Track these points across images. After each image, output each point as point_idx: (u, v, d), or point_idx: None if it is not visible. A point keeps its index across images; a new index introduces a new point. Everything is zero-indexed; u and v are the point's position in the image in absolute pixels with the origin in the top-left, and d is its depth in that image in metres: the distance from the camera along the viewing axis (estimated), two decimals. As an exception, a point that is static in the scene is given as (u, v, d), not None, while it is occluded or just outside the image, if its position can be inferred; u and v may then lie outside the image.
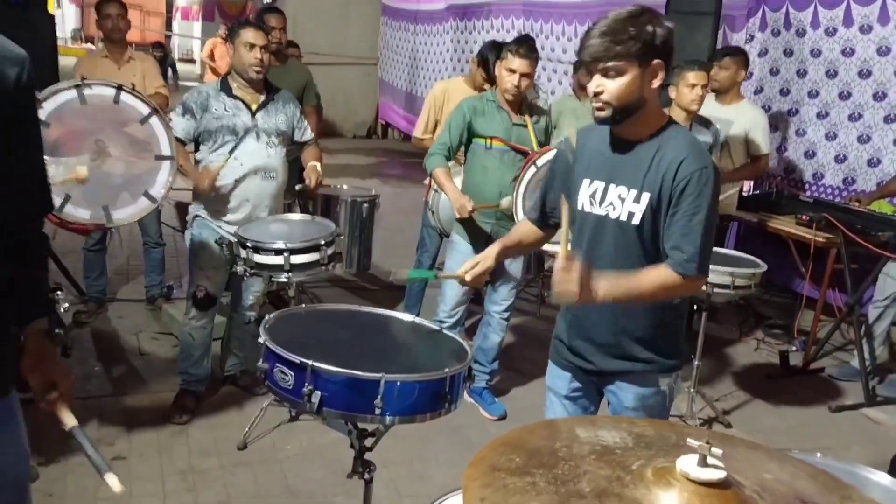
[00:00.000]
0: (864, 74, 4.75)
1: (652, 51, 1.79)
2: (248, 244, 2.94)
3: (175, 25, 27.43)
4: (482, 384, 3.65)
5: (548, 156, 3.20)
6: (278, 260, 2.90)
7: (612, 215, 1.92)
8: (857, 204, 4.30)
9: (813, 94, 5.09)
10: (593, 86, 1.84)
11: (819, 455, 1.57)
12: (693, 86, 3.65)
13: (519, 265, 3.55)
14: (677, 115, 3.65)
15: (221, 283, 3.36)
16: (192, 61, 23.42)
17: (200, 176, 3.14)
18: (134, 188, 2.95)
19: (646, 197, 1.86)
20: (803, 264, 4.11)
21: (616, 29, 1.78)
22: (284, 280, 2.98)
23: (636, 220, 1.88)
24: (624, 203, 1.89)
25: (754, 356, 4.60)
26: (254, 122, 3.19)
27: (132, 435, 3.14)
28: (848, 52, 4.83)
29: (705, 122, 3.92)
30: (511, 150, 3.36)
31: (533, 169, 3.24)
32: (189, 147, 3.32)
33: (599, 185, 1.94)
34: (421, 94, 10.63)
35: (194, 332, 3.32)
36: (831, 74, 4.95)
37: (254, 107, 3.21)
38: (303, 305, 2.25)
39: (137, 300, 4.57)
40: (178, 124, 3.14)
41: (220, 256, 3.21)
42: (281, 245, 2.90)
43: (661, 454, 1.10)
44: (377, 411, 1.68)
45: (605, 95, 1.82)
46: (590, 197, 1.96)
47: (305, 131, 3.44)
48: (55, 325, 2.81)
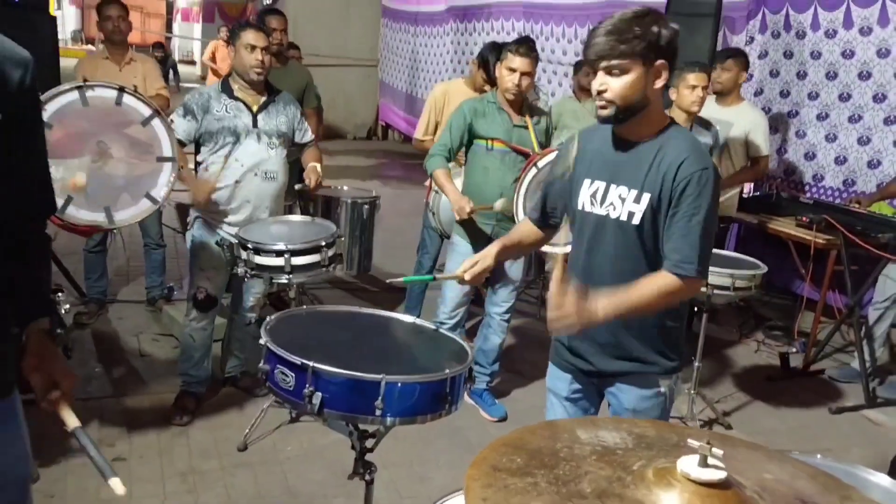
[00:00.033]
0: (864, 76, 4.76)
1: (656, 51, 1.80)
2: (249, 245, 2.94)
3: (175, 27, 27.46)
4: (482, 386, 3.65)
5: (549, 157, 3.21)
6: (279, 261, 2.91)
7: (613, 215, 1.91)
8: (857, 205, 4.30)
9: (813, 96, 5.09)
10: (597, 84, 1.85)
11: (819, 456, 1.57)
12: (693, 87, 3.65)
13: (519, 267, 3.55)
14: (678, 116, 3.66)
15: (222, 284, 3.36)
16: (192, 63, 23.43)
17: (198, 188, 3.14)
18: (135, 189, 2.96)
19: (646, 197, 1.86)
20: (803, 266, 4.11)
21: (621, 28, 1.79)
22: (285, 281, 2.99)
23: (636, 221, 1.88)
24: (624, 203, 1.89)
25: (754, 358, 4.60)
26: (254, 124, 3.20)
27: (133, 436, 3.14)
28: (848, 54, 4.83)
29: (705, 124, 3.92)
30: (512, 151, 3.36)
31: (534, 170, 3.24)
32: (189, 148, 3.33)
33: (600, 185, 1.94)
34: (421, 96, 10.63)
35: (195, 333, 3.33)
36: (831, 76, 4.95)
37: (255, 108, 3.21)
38: (304, 307, 2.26)
39: (138, 301, 4.58)
40: (180, 126, 3.14)
41: (221, 258, 3.22)
42: (282, 246, 2.91)
43: (661, 455, 1.11)
44: (378, 412, 1.69)
45: (609, 94, 1.82)
46: (590, 197, 1.96)
47: (306, 133, 3.45)
48: (57, 325, 2.81)
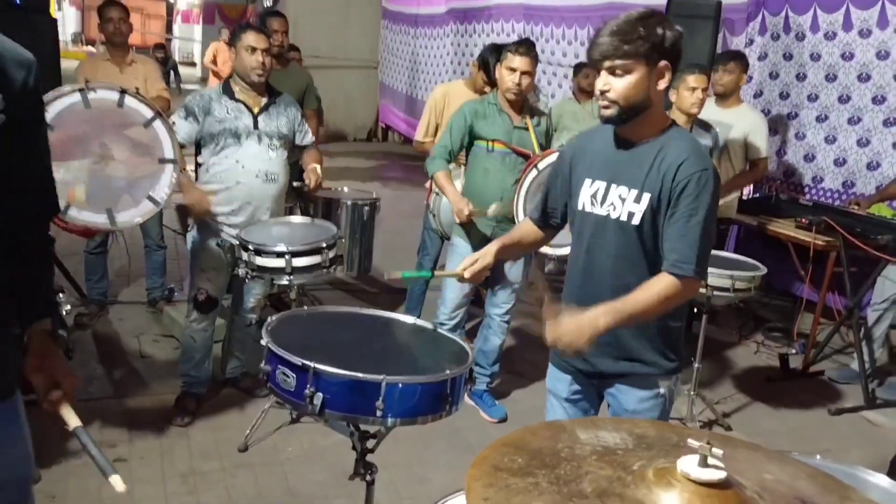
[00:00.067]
0: (864, 78, 4.77)
1: (660, 52, 1.81)
2: (250, 247, 2.94)
3: (175, 28, 27.47)
4: (483, 387, 3.66)
5: (549, 159, 3.21)
6: (280, 262, 2.91)
7: (613, 215, 1.92)
8: (856, 207, 4.31)
9: (812, 98, 5.10)
10: (600, 84, 1.85)
11: (818, 457, 1.57)
12: (693, 89, 3.66)
13: (519, 269, 3.55)
14: (677, 118, 3.66)
15: (223, 285, 3.37)
16: (192, 64, 23.43)
17: (195, 199, 3.13)
18: (137, 191, 2.96)
19: (646, 197, 1.87)
20: (803, 267, 4.12)
21: (626, 29, 1.80)
22: (286, 283, 2.99)
23: (636, 221, 1.89)
24: (624, 203, 1.90)
25: (754, 359, 4.60)
26: (255, 126, 3.20)
27: (133, 437, 3.15)
28: (847, 56, 4.84)
29: (705, 126, 3.93)
30: (512, 152, 3.37)
31: (534, 172, 3.25)
32: (189, 150, 3.33)
33: (601, 185, 1.95)
34: (421, 98, 10.64)
35: (195, 334, 3.33)
36: (831, 78, 4.96)
37: (255, 110, 3.22)
38: (305, 308, 2.26)
39: (139, 303, 4.59)
40: (181, 127, 3.14)
41: (222, 259, 3.22)
42: (282, 248, 2.91)
43: (661, 455, 1.11)
44: (379, 413, 1.69)
45: (612, 94, 1.83)
46: (591, 197, 1.96)
47: (306, 135, 3.45)
48: (58, 326, 2.81)
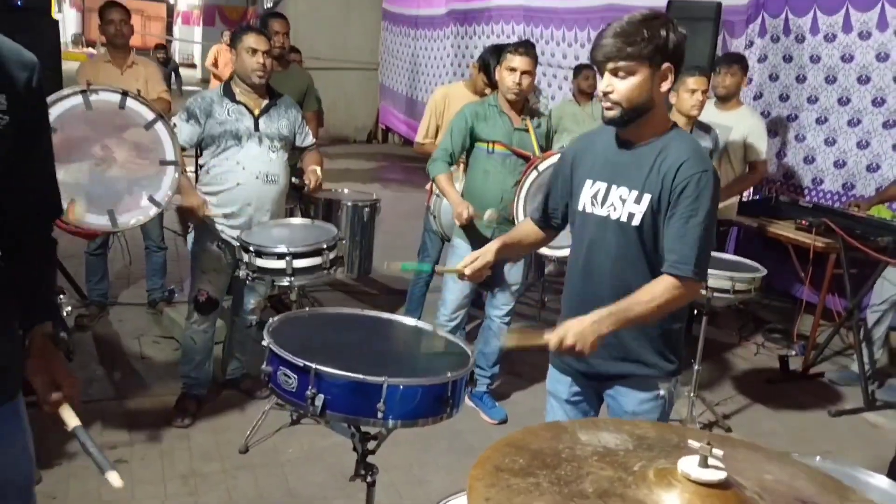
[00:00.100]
0: (864, 80, 4.77)
1: (663, 54, 1.81)
2: (251, 248, 2.95)
3: (176, 30, 27.49)
4: (483, 388, 3.66)
5: (549, 160, 3.22)
6: (280, 264, 2.91)
7: (613, 216, 1.92)
8: (856, 209, 4.32)
9: (812, 100, 5.11)
10: (603, 85, 1.86)
11: (818, 458, 1.58)
12: (693, 91, 3.67)
13: (519, 271, 3.56)
14: (677, 120, 3.67)
15: (223, 286, 3.37)
16: (192, 66, 23.46)
17: (192, 204, 3.12)
18: (139, 193, 2.96)
19: (647, 198, 1.87)
20: (803, 269, 4.12)
21: (629, 31, 1.80)
22: (286, 284, 2.99)
23: (636, 222, 1.89)
24: (625, 204, 1.90)
25: (754, 361, 4.61)
26: (256, 127, 3.21)
27: (134, 438, 3.15)
28: (847, 58, 4.85)
29: (705, 128, 3.94)
30: (513, 154, 3.37)
31: (534, 173, 3.25)
32: (190, 151, 3.33)
33: (601, 185, 1.95)
34: (421, 99, 10.65)
35: (196, 335, 3.34)
36: (830, 80, 4.97)
37: (256, 112, 3.22)
38: (306, 309, 2.26)
39: (139, 304, 4.59)
40: (183, 130, 3.14)
41: (222, 260, 3.23)
42: (283, 249, 2.91)
43: (662, 455, 1.12)
44: (380, 415, 1.69)
45: (615, 95, 1.84)
46: (591, 198, 1.97)
47: (307, 136, 3.46)
48: (60, 329, 2.81)
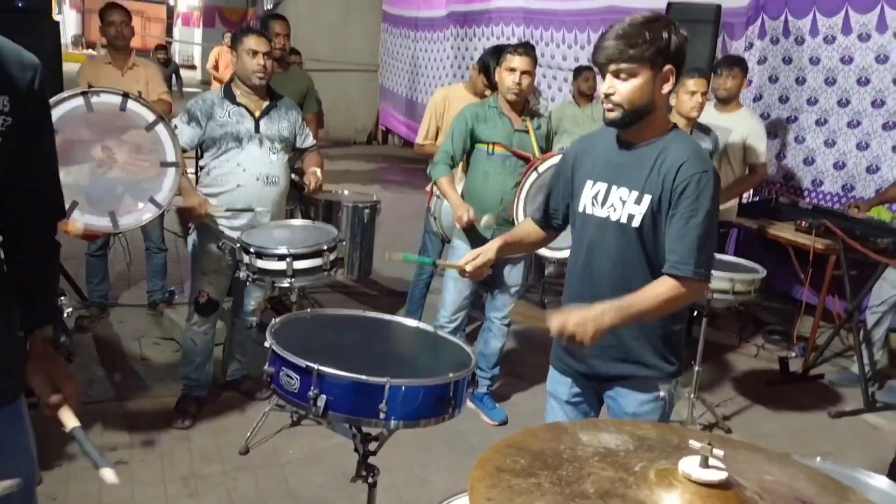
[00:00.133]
0: (863, 82, 4.78)
1: (665, 56, 1.82)
2: (251, 250, 2.95)
3: (176, 31, 27.49)
4: (483, 390, 3.66)
5: (549, 162, 3.22)
6: (281, 265, 2.92)
7: (613, 217, 1.93)
8: (855, 210, 4.32)
9: (812, 102, 5.11)
10: (605, 87, 1.86)
11: (818, 459, 1.58)
12: (693, 93, 3.68)
13: (519, 273, 3.56)
14: (677, 122, 3.67)
15: (224, 288, 3.38)
16: (192, 67, 23.47)
17: (193, 204, 3.13)
18: (140, 194, 2.97)
19: (647, 199, 1.87)
20: (803, 270, 4.12)
21: (631, 33, 1.80)
22: (287, 285, 3.00)
23: (636, 223, 1.90)
24: (625, 205, 1.91)
25: (754, 362, 4.61)
26: (257, 129, 3.21)
27: (134, 440, 3.15)
28: (847, 60, 4.85)
29: (705, 130, 3.95)
30: (513, 155, 3.38)
31: (534, 175, 3.26)
32: (191, 153, 3.34)
33: (602, 186, 1.96)
34: (421, 101, 10.65)
35: (196, 337, 3.34)
36: (830, 82, 4.97)
37: (257, 113, 3.23)
38: (308, 310, 2.27)
39: (139, 305, 4.59)
40: (184, 132, 3.15)
41: (223, 262, 3.23)
42: (284, 250, 2.91)
43: (663, 456, 1.12)
44: (382, 416, 1.70)
45: (616, 97, 1.84)
46: (592, 199, 1.97)
47: (307, 138, 3.46)
48: (61, 332, 2.82)
